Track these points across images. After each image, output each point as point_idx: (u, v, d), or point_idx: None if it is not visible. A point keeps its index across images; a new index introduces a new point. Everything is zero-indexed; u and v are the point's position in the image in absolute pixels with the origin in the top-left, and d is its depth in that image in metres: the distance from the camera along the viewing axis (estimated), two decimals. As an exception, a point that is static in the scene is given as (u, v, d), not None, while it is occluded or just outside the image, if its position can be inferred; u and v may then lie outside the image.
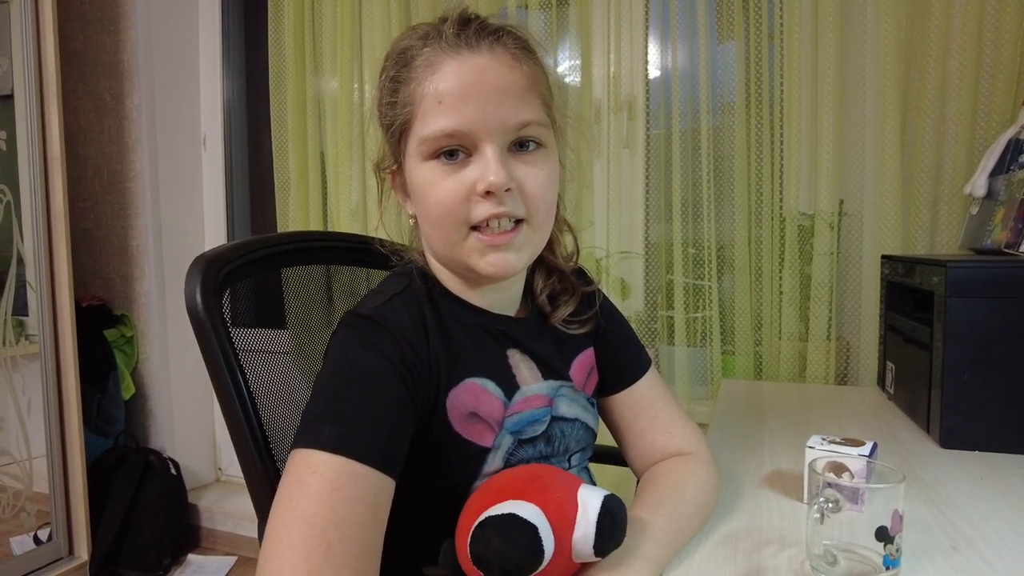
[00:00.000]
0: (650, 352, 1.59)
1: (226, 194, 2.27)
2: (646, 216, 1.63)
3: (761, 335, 1.44)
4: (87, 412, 1.92)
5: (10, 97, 1.91)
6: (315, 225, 1.88)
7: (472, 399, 0.62)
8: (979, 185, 1.11)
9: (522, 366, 0.67)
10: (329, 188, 1.83)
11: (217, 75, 2.23)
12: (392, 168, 0.66)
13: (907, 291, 1.08)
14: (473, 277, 0.64)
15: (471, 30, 0.60)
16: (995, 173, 1.09)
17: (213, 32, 2.23)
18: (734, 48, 1.44)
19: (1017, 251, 0.93)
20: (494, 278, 0.63)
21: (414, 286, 0.65)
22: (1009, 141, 1.08)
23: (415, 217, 0.65)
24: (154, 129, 2.14)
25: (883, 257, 1.20)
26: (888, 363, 1.17)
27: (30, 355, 1.86)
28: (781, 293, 1.41)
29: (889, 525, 0.52)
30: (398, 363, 0.57)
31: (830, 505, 0.52)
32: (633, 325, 1.60)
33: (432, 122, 0.58)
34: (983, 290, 0.86)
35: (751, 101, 1.43)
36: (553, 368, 0.69)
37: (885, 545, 0.52)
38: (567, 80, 1.63)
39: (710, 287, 1.46)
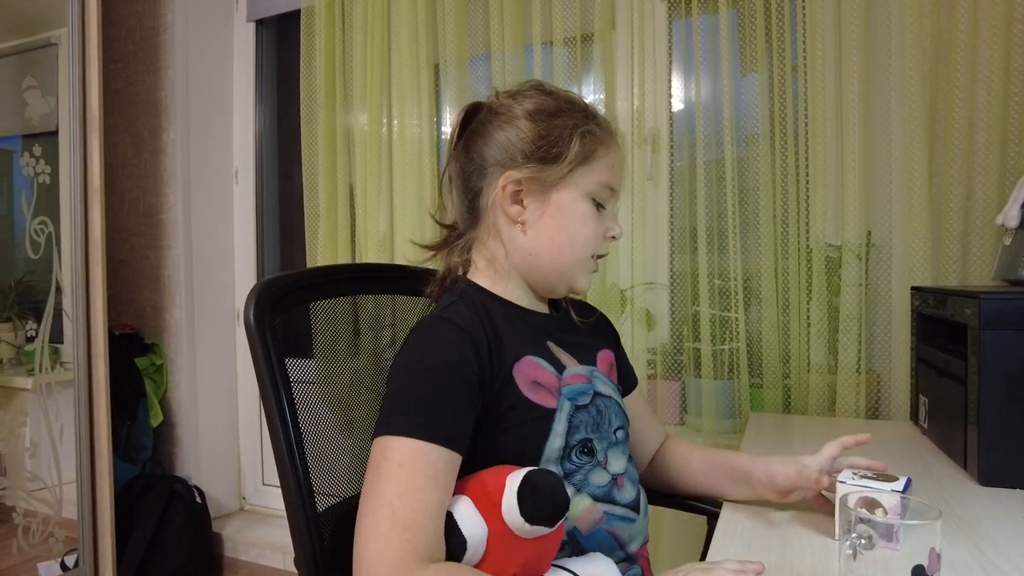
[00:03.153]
0: (676, 385, 1.57)
1: (256, 226, 2.32)
2: (671, 247, 1.63)
3: (789, 368, 1.42)
4: (116, 439, 1.95)
5: (55, 133, 2.00)
6: (343, 257, 1.91)
7: (533, 371, 0.74)
8: (1012, 215, 1.09)
9: (561, 353, 0.79)
10: (358, 220, 1.87)
11: (250, 110, 2.31)
12: (524, 176, 0.77)
13: (939, 323, 1.06)
14: (560, 288, 0.81)
15: (615, 131, 0.83)
16: (1028, 203, 1.07)
17: (247, 69, 2.31)
18: (757, 79, 1.45)
19: (1053, 282, 0.91)
20: (583, 291, 0.82)
21: (467, 294, 0.79)
22: (1041, 171, 1.06)
23: (523, 224, 0.78)
24: (188, 163, 2.21)
25: (913, 289, 1.18)
26: (921, 397, 1.14)
27: (64, 382, 1.90)
28: (809, 325, 1.39)
29: (927, 564, 0.50)
30: (462, 350, 0.68)
31: (863, 541, 0.50)
32: (658, 358, 1.60)
33: (609, 175, 0.79)
34: (1018, 322, 0.84)
35: (775, 132, 1.43)
36: (583, 356, 0.82)
37: (923, 585, 0.50)
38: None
39: (737, 319, 1.45)
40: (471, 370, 0.68)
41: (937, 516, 0.51)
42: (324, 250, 1.91)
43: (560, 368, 0.77)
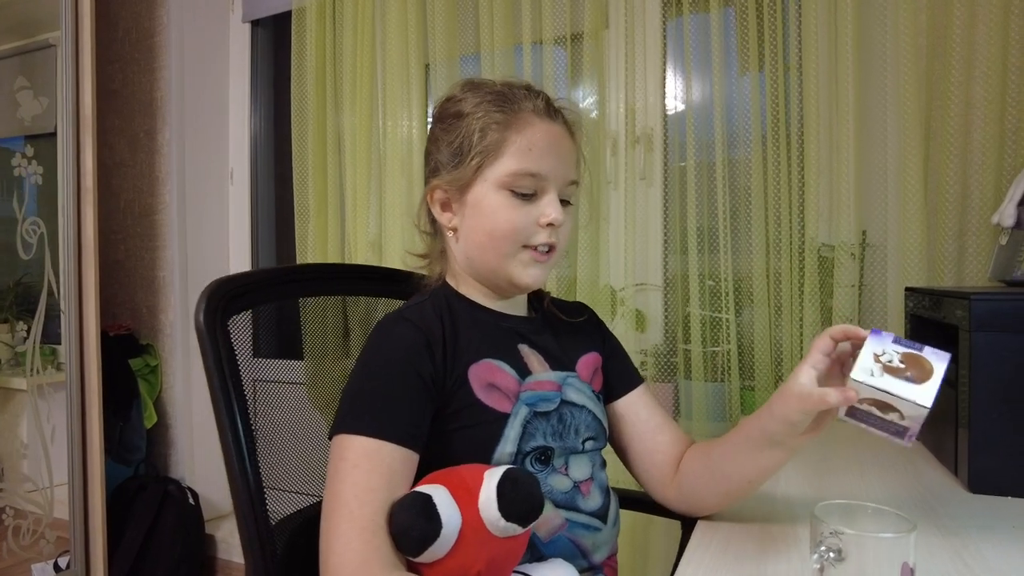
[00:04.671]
0: (669, 387, 1.55)
1: (251, 227, 2.31)
2: (665, 248, 1.61)
3: (782, 370, 1.39)
4: (109, 440, 1.95)
5: (53, 135, 1.99)
6: (333, 257, 1.90)
7: (490, 374, 0.73)
8: (1008, 214, 1.06)
9: (532, 358, 0.77)
10: (347, 221, 1.86)
11: (245, 111, 2.30)
12: (442, 187, 0.77)
13: (932, 325, 1.03)
14: (505, 287, 0.78)
15: (553, 106, 0.78)
16: (1024, 202, 1.05)
17: (243, 70, 2.31)
18: (750, 78, 1.42)
19: (1048, 283, 0.88)
20: (529, 287, 0.77)
21: (436, 294, 0.78)
22: (1038, 169, 1.03)
23: (455, 229, 0.78)
24: (183, 163, 2.21)
25: (907, 290, 1.16)
26: (915, 401, 1.11)
27: (57, 383, 1.90)
28: (802, 327, 1.36)
29: (898, 579, 0.48)
30: (416, 348, 0.68)
31: (831, 555, 0.48)
32: (651, 360, 1.58)
33: (521, 162, 0.73)
34: (1011, 324, 0.81)
35: (768, 131, 1.41)
36: (559, 360, 0.80)
37: (894, 602, 0.48)
38: (594, 115, 1.64)
39: (728, 320, 1.42)
40: (424, 368, 0.68)
41: (911, 529, 0.49)
42: (314, 251, 1.90)
43: (524, 373, 0.75)
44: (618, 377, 0.87)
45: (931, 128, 1.27)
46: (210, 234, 2.28)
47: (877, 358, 0.61)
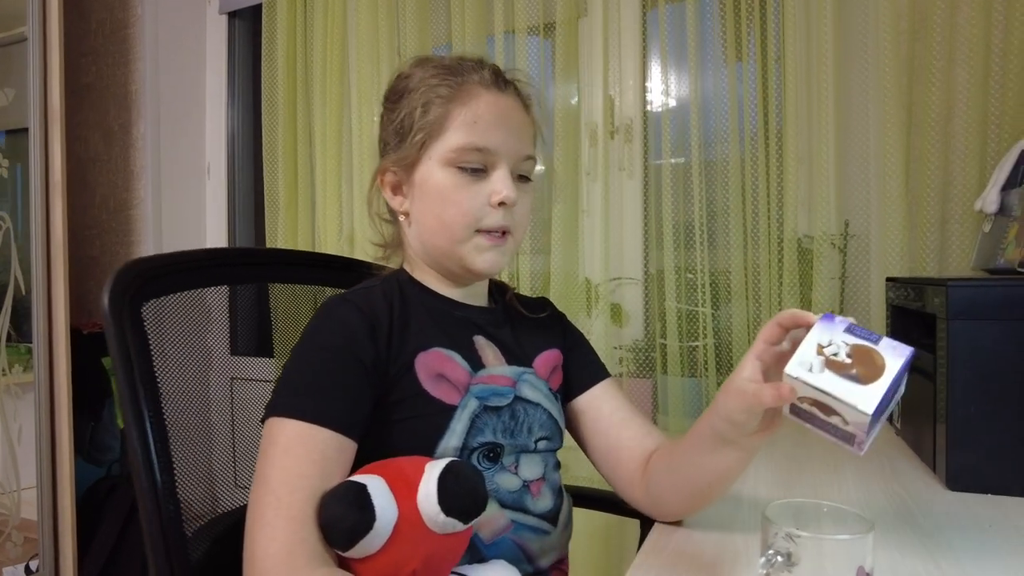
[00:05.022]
0: (647, 383, 1.51)
1: (228, 223, 2.27)
2: (645, 241, 1.57)
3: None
4: (80, 440, 1.90)
5: (25, 131, 1.95)
6: (303, 248, 1.86)
7: (439, 363, 0.68)
8: (991, 200, 1.02)
9: (487, 350, 0.73)
10: (317, 213, 1.82)
11: (222, 104, 2.25)
12: (391, 170, 0.74)
13: (913, 316, 0.99)
14: (460, 273, 0.73)
15: (502, 77, 0.73)
16: (1008, 187, 1.01)
17: (220, 62, 2.26)
18: (728, 68, 1.38)
19: (1030, 270, 0.84)
20: (484, 274, 0.73)
21: (389, 279, 0.74)
22: (1022, 152, 0.99)
23: (406, 214, 0.74)
24: (159, 158, 2.16)
25: (888, 280, 1.12)
26: (895, 395, 1.07)
27: (25, 383, 1.85)
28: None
29: (854, 584, 0.44)
30: (357, 331, 0.64)
31: (779, 559, 0.44)
32: (629, 355, 1.53)
33: (465, 136, 0.68)
34: (990, 312, 0.77)
35: (747, 120, 1.37)
36: (516, 356, 0.75)
37: (849, 610, 0.44)
38: (573, 104, 1.59)
39: (706, 314, 1.38)
40: (365, 353, 0.64)
41: (867, 529, 0.45)
42: (284, 244, 1.86)
43: (477, 365, 0.71)
44: (581, 370, 0.82)
45: (913, 114, 1.23)
46: (186, 229, 2.24)
47: (821, 349, 0.52)
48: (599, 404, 0.79)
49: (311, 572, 0.53)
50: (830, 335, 0.53)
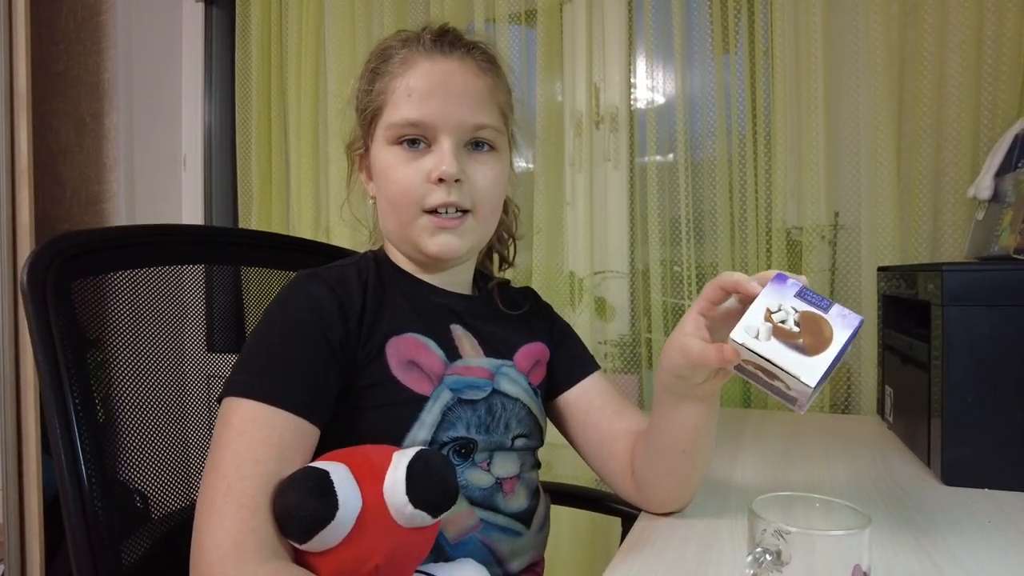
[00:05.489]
0: (633, 379, 1.47)
1: (205, 216, 2.20)
2: (631, 234, 1.52)
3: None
4: (48, 439, 1.83)
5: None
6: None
7: (412, 350, 0.64)
8: (984, 187, 0.99)
9: (465, 341, 0.69)
10: (292, 203, 1.77)
11: (199, 94, 2.19)
12: (360, 151, 0.72)
13: (905, 305, 0.96)
14: (421, 258, 0.69)
15: (447, 39, 0.67)
16: (1001, 173, 0.98)
17: (196, 50, 2.19)
18: (715, 58, 1.34)
19: (1027, 256, 0.81)
20: (439, 258, 0.67)
21: (366, 258, 0.71)
22: (1016, 137, 0.96)
23: (375, 198, 0.71)
24: (132, 149, 2.10)
25: (879, 269, 1.08)
26: (887, 387, 1.04)
27: (-10, 380, 1.78)
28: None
29: (850, 584, 0.40)
30: (326, 309, 0.60)
31: (768, 557, 0.40)
32: (615, 350, 1.49)
33: (400, 111, 0.65)
34: (986, 297, 0.74)
35: (734, 110, 1.33)
36: (496, 348, 0.71)
37: (845, 611, 0.39)
38: (558, 97, 1.55)
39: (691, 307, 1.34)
40: (333, 333, 0.60)
41: (864, 524, 0.41)
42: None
43: (454, 355, 0.67)
44: (570, 363, 0.78)
45: (904, 102, 1.20)
46: (162, 223, 2.17)
47: (769, 315, 0.50)
48: (590, 397, 0.75)
49: (260, 565, 0.48)
50: (780, 299, 0.51)
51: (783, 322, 0.50)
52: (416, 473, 0.52)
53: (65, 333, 0.54)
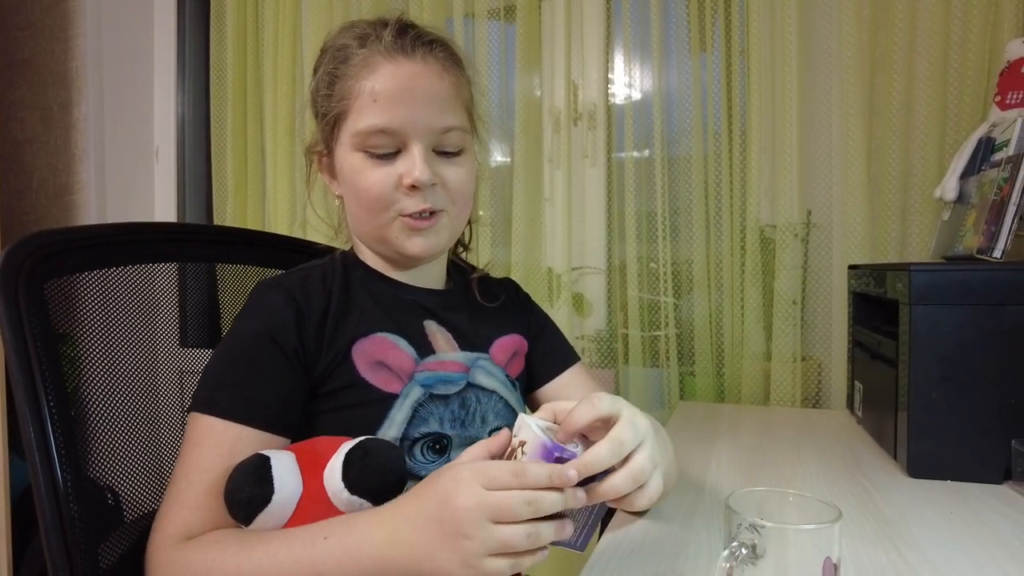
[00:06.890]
0: (609, 374, 1.48)
1: (178, 209, 2.16)
2: (608, 231, 1.54)
3: (723, 356, 1.33)
4: (15, 436, 1.79)
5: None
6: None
7: (379, 350, 0.64)
8: (949, 188, 1.02)
9: (439, 336, 0.69)
10: (268, 199, 1.75)
11: (171, 83, 2.14)
12: (321, 152, 0.71)
13: (874, 303, 0.99)
14: (397, 258, 0.69)
15: (407, 38, 0.65)
16: (966, 175, 1.01)
17: (168, 38, 2.15)
18: (691, 58, 1.35)
19: (990, 256, 0.84)
20: (420, 258, 0.68)
21: (333, 260, 0.70)
22: (980, 140, 0.99)
23: (341, 198, 0.71)
24: (102, 140, 2.05)
25: (850, 267, 1.11)
26: (856, 383, 1.07)
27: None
28: (743, 309, 1.31)
29: (821, 576, 0.41)
30: (281, 318, 0.61)
31: (744, 551, 0.41)
32: (592, 346, 1.51)
33: (366, 118, 0.63)
34: (952, 296, 0.76)
35: (710, 109, 1.35)
36: (471, 341, 0.71)
37: (816, 602, 0.41)
38: (536, 93, 1.55)
39: (667, 303, 1.36)
40: (288, 342, 0.60)
41: (835, 518, 0.42)
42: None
43: (427, 351, 0.67)
44: (548, 356, 0.78)
45: (874, 103, 1.23)
46: (133, 216, 2.12)
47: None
48: (569, 392, 0.76)
49: (187, 543, 0.53)
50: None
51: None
52: (354, 460, 0.54)
53: (38, 335, 0.54)
